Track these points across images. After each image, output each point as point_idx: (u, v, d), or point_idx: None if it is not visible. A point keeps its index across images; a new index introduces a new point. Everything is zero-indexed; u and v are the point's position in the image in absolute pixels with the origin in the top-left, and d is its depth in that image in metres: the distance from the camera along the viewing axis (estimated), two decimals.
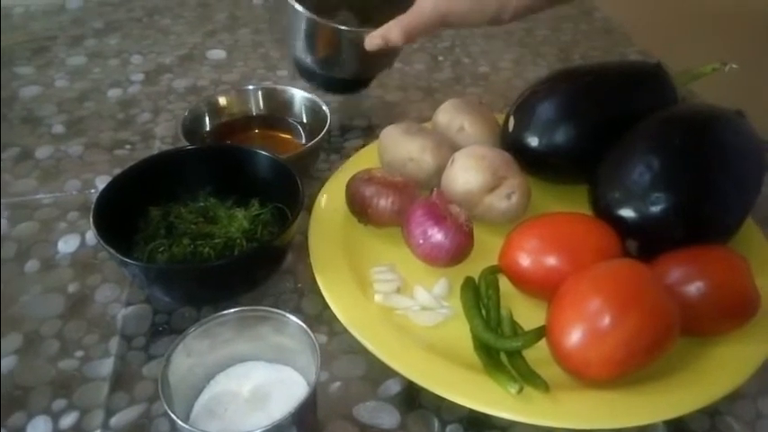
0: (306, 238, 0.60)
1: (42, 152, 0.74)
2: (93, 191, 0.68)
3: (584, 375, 0.45)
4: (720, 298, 0.48)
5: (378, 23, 0.66)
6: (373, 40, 0.64)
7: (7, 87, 0.85)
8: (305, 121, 0.74)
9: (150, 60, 0.92)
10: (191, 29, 1.01)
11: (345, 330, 0.51)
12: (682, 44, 1.13)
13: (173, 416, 0.39)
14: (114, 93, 0.85)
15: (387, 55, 0.72)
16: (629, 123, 0.58)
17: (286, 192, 0.57)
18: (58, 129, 0.78)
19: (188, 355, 0.44)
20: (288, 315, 0.44)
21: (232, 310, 0.45)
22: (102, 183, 0.69)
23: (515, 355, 0.48)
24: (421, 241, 0.55)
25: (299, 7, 0.66)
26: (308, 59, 0.71)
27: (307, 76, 0.72)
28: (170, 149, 0.69)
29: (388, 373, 0.49)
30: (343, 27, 0.67)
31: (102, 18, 1.03)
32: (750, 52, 1.21)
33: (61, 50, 0.94)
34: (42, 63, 0.91)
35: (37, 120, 0.79)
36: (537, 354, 0.48)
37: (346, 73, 0.72)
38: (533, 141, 0.61)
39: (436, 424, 0.47)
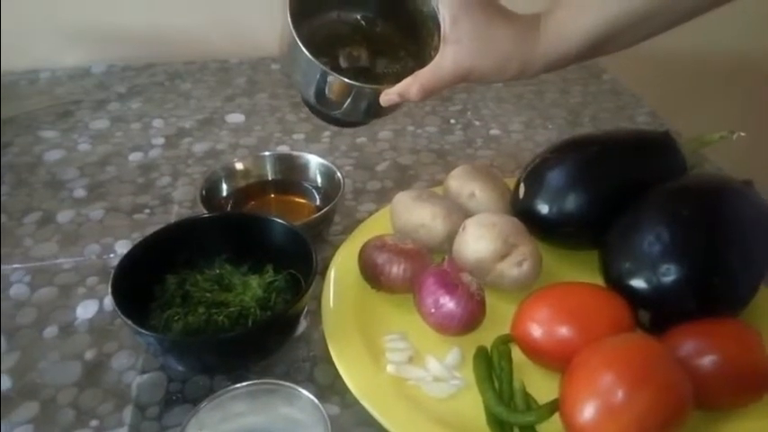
0: (319, 303, 0.60)
1: (64, 216, 0.76)
2: (112, 255, 0.70)
3: None
4: (734, 371, 0.48)
5: (390, 57, 0.65)
6: (389, 97, 0.59)
7: (31, 152, 0.88)
8: (319, 185, 0.75)
9: (171, 124, 0.95)
10: (211, 93, 1.04)
11: (358, 401, 0.51)
12: (690, 104, 1.15)
13: None
14: (135, 156, 0.87)
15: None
16: (640, 191, 0.58)
17: (300, 259, 0.58)
18: (80, 193, 0.80)
19: (200, 429, 0.44)
20: (299, 389, 0.45)
21: (244, 384, 0.45)
22: (120, 247, 0.70)
23: (528, 429, 0.48)
24: (433, 310, 0.56)
25: (311, 57, 0.61)
26: (316, 102, 0.67)
27: (312, 111, 0.70)
28: (187, 218, 0.70)
29: None
30: (356, 83, 0.62)
31: (126, 82, 1.07)
32: (759, 113, 1.23)
33: (85, 114, 0.98)
34: (66, 127, 0.94)
35: (60, 183, 0.82)
36: (551, 428, 0.48)
37: (355, 117, 0.71)
38: (544, 209, 0.62)
39: None
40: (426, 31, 0.64)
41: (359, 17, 0.69)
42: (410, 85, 0.58)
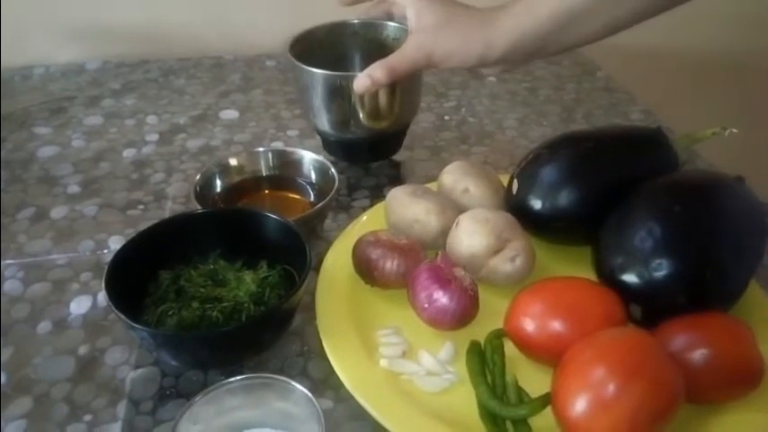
0: (313, 297, 0.60)
1: (57, 212, 0.76)
2: (106, 251, 0.69)
3: None
4: (725, 366, 0.48)
5: None
6: (360, 80, 0.66)
7: (25, 148, 0.88)
8: (314, 181, 0.75)
9: (165, 120, 0.95)
10: (205, 89, 1.04)
11: (352, 396, 0.51)
12: (683, 102, 1.16)
13: None
14: (129, 153, 0.87)
15: (403, 109, 0.77)
16: (632, 186, 0.59)
17: (294, 254, 0.58)
18: (74, 189, 0.80)
19: (194, 423, 0.44)
20: (293, 383, 0.45)
21: (238, 378, 0.45)
22: (114, 243, 0.70)
23: (521, 422, 0.48)
24: (426, 305, 0.56)
25: (318, 70, 0.70)
26: (328, 123, 0.75)
27: (331, 147, 0.74)
28: (181, 214, 0.70)
29: None
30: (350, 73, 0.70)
31: (120, 79, 1.07)
32: (751, 110, 1.23)
33: (79, 111, 0.98)
34: (60, 123, 0.94)
35: (53, 180, 0.82)
36: (543, 421, 0.48)
37: (363, 128, 0.75)
38: (537, 204, 0.62)
39: None
40: None
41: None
42: (376, 67, 0.64)
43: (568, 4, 0.56)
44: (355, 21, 0.82)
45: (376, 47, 0.80)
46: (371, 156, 0.81)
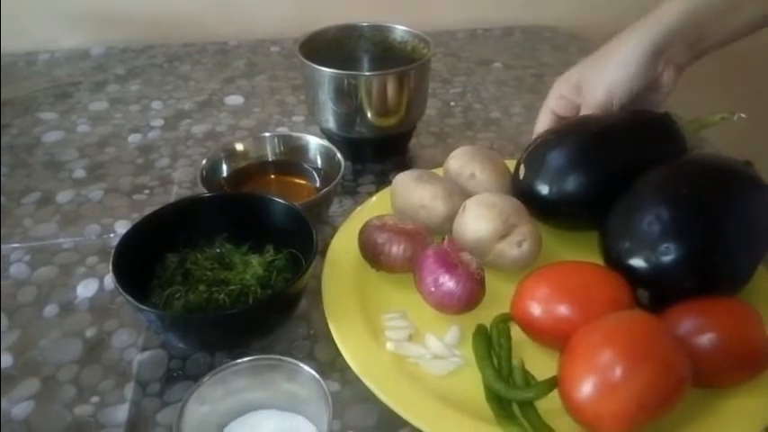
0: (319, 282, 0.60)
1: (63, 197, 0.76)
2: (112, 235, 0.70)
3: (596, 429, 0.45)
4: (732, 349, 0.48)
5: None
6: None
7: (30, 133, 0.88)
8: (319, 166, 0.75)
9: (170, 106, 0.95)
10: (209, 75, 1.04)
11: (358, 378, 0.51)
12: (691, 90, 1.15)
13: None
14: (134, 138, 0.87)
15: (411, 109, 0.78)
16: (639, 172, 0.58)
17: (300, 238, 0.58)
18: (80, 173, 0.80)
19: (202, 404, 0.44)
20: (300, 364, 0.45)
21: (246, 359, 0.45)
22: (120, 227, 0.70)
23: (527, 405, 0.48)
24: (432, 289, 0.56)
25: (329, 69, 0.72)
26: (334, 122, 0.77)
27: (337, 146, 0.74)
28: (188, 197, 0.70)
29: (400, 422, 0.49)
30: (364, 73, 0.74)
31: (125, 64, 1.07)
32: (758, 95, 1.22)
33: (84, 96, 0.98)
34: (65, 108, 0.94)
35: (59, 164, 0.82)
36: (549, 404, 0.48)
37: (370, 128, 0.77)
38: (544, 189, 0.62)
39: None
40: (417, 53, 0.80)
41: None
42: None
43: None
44: (364, 23, 0.84)
45: (383, 49, 0.84)
46: (377, 156, 0.82)
